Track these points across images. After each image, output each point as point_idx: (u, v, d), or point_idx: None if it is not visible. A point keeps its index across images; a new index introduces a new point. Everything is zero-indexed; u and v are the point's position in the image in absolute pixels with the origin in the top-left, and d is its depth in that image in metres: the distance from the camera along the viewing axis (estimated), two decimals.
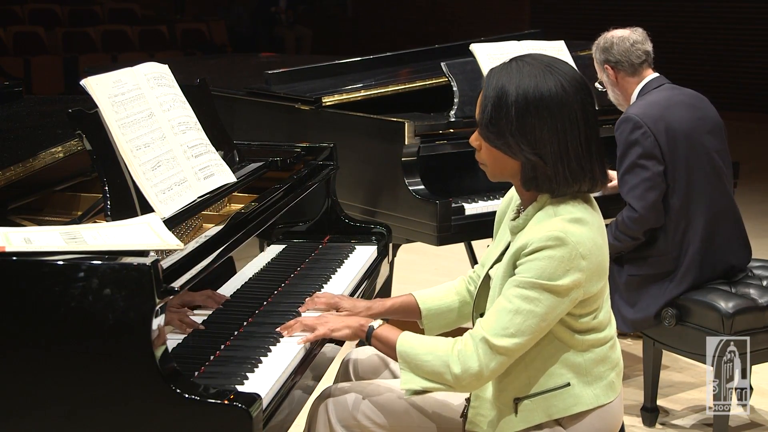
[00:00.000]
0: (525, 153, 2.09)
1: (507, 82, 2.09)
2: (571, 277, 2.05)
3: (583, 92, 2.12)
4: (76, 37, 11.53)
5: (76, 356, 1.86)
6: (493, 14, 13.79)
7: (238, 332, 2.32)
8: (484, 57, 3.95)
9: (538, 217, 2.14)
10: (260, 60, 6.81)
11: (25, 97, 3.36)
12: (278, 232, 2.97)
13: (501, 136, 2.10)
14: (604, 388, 2.19)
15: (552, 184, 2.11)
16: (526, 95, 2.07)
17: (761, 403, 3.78)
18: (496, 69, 2.15)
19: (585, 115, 2.11)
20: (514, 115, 2.07)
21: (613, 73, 3.51)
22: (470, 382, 2.10)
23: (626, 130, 3.34)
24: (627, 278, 3.45)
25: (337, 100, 4.01)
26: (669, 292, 3.37)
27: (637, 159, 3.32)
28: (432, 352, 2.12)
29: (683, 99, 3.45)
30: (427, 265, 5.57)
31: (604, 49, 3.51)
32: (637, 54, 3.48)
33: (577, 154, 2.10)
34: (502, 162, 2.16)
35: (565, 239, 2.05)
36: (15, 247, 1.92)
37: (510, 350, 2.07)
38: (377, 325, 2.24)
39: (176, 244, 2.04)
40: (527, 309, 2.06)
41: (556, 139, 2.08)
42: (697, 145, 3.37)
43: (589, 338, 2.16)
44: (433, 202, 3.60)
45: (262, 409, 1.89)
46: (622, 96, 3.56)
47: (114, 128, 2.28)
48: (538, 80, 2.08)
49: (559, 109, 2.07)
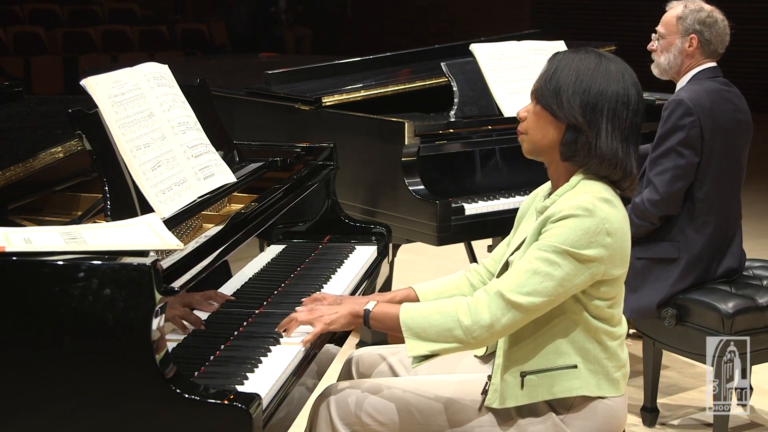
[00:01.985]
0: (575, 113, 2.14)
1: (569, 61, 2.19)
2: (594, 250, 2.09)
3: (638, 90, 2.20)
4: (76, 37, 11.52)
5: (75, 356, 1.86)
6: (493, 14, 13.79)
7: (238, 332, 2.31)
8: (484, 57, 3.95)
9: (569, 194, 2.18)
10: (260, 60, 6.81)
11: (25, 97, 3.36)
12: (278, 232, 2.97)
13: (556, 95, 2.17)
14: (608, 382, 2.21)
15: (591, 152, 2.15)
16: (589, 72, 2.16)
17: (761, 403, 3.78)
18: (561, 52, 2.27)
19: (636, 108, 2.18)
20: (573, 80, 2.16)
21: (694, 45, 3.43)
22: (480, 334, 2.11)
23: (677, 113, 3.31)
24: (633, 260, 3.43)
25: (337, 100, 4.01)
26: (672, 285, 3.36)
27: (677, 145, 3.30)
28: (438, 311, 2.15)
29: (731, 97, 3.44)
30: (427, 265, 5.57)
31: (704, 22, 3.43)
32: (723, 45, 3.47)
33: (622, 135, 2.16)
34: (545, 127, 2.20)
35: (594, 211, 2.10)
36: (15, 247, 1.92)
37: (523, 307, 2.09)
38: (372, 306, 2.25)
39: (176, 244, 2.04)
40: (546, 271, 2.09)
41: (606, 110, 2.14)
42: (732, 145, 3.38)
43: (601, 326, 2.19)
44: (433, 202, 3.60)
45: (262, 409, 1.89)
46: (677, 67, 3.49)
47: (114, 128, 2.28)
48: (601, 64, 2.18)
49: (615, 91, 2.16)
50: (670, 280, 3.38)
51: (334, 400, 2.32)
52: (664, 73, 3.53)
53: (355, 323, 2.29)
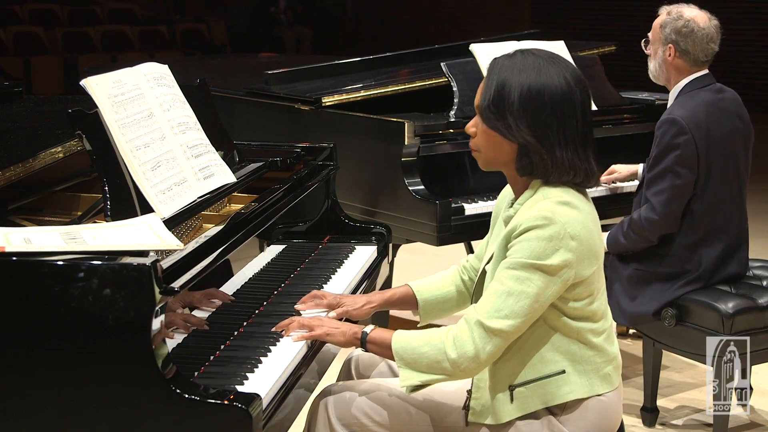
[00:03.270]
0: (524, 134, 2.12)
1: (510, 73, 2.14)
2: (560, 257, 2.08)
3: (583, 87, 2.17)
4: (76, 37, 11.52)
5: (76, 356, 1.86)
6: (493, 14, 13.79)
7: (238, 332, 2.32)
8: (484, 57, 3.95)
9: (528, 203, 2.17)
10: (260, 60, 6.81)
11: (25, 97, 3.36)
12: (278, 232, 2.97)
13: (501, 117, 2.13)
14: (599, 379, 2.20)
15: (547, 167, 2.14)
16: (530, 84, 2.11)
17: (761, 403, 3.78)
18: (499, 59, 2.19)
19: (584, 110, 2.16)
20: (516, 98, 2.11)
21: (673, 55, 3.39)
22: (468, 366, 2.11)
23: (670, 132, 3.27)
24: (632, 271, 3.43)
25: (337, 100, 4.01)
26: (671, 293, 3.36)
27: (674, 165, 3.26)
28: (427, 342, 2.14)
29: (727, 106, 3.38)
30: (427, 265, 5.56)
31: (680, 32, 3.36)
32: (707, 53, 3.39)
33: (575, 143, 2.14)
34: (497, 147, 2.18)
35: (552, 218, 2.08)
36: (15, 247, 1.92)
37: (504, 332, 2.09)
38: (370, 330, 2.25)
39: (176, 244, 2.04)
40: (519, 290, 2.08)
41: (555, 124, 2.12)
42: (730, 155, 3.35)
43: (583, 326, 2.17)
44: (432, 202, 3.60)
45: (261, 409, 1.89)
46: (664, 75, 3.46)
47: (114, 128, 2.28)
48: (542, 70, 2.13)
49: (561, 98, 2.12)
50: (671, 290, 3.37)
51: (333, 400, 2.32)
52: (656, 79, 3.53)
53: (352, 344, 2.29)
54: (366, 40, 14.52)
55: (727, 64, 11.48)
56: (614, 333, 2.28)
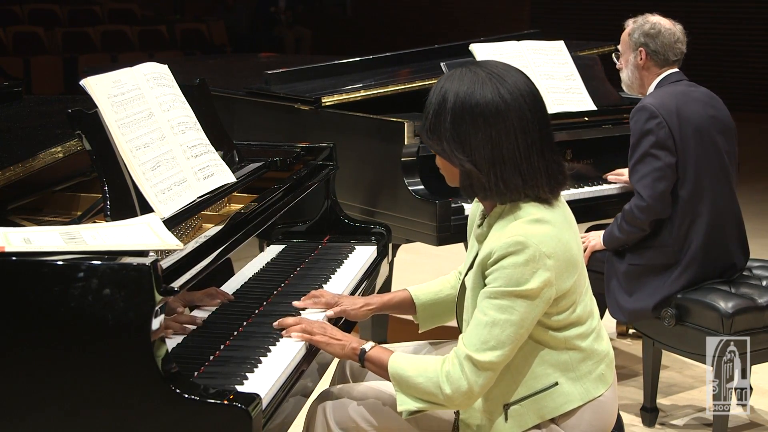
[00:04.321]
0: (460, 160, 2.10)
1: (449, 88, 2.12)
2: (539, 278, 2.05)
3: (525, 101, 2.10)
4: (76, 37, 11.52)
5: (75, 356, 1.86)
6: (493, 14, 13.79)
7: (237, 332, 2.31)
8: (484, 57, 3.94)
9: (498, 225, 2.14)
10: (260, 60, 6.81)
11: (24, 97, 3.36)
12: (278, 232, 2.97)
13: (439, 143, 2.13)
14: (594, 382, 2.19)
15: (486, 192, 2.12)
16: (463, 102, 2.09)
17: (761, 403, 3.78)
18: (445, 75, 2.18)
19: (524, 124, 2.09)
20: (449, 122, 2.10)
21: (644, 58, 3.51)
22: (463, 400, 2.10)
23: (641, 119, 3.36)
24: (627, 267, 3.45)
25: (337, 100, 4.01)
26: (668, 286, 3.37)
27: (650, 148, 3.33)
28: (422, 374, 2.12)
29: (699, 96, 3.46)
30: (426, 265, 5.57)
31: (648, 34, 3.50)
32: (675, 52, 3.52)
33: (514, 162, 2.08)
34: (448, 168, 2.18)
35: (525, 242, 2.04)
36: (15, 247, 1.92)
37: (495, 363, 2.07)
38: (369, 347, 2.24)
39: (176, 244, 2.04)
40: (503, 319, 2.05)
41: (489, 146, 2.08)
42: (708, 142, 3.39)
43: (569, 334, 2.16)
44: (432, 202, 3.60)
45: (261, 409, 1.89)
46: (638, 81, 3.57)
47: (113, 128, 2.28)
48: (476, 88, 2.09)
49: (494, 117, 2.07)
50: (667, 283, 3.38)
51: (331, 404, 2.32)
52: (630, 88, 3.64)
53: (350, 358, 2.28)
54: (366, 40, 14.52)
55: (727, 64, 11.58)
56: (603, 329, 2.27)
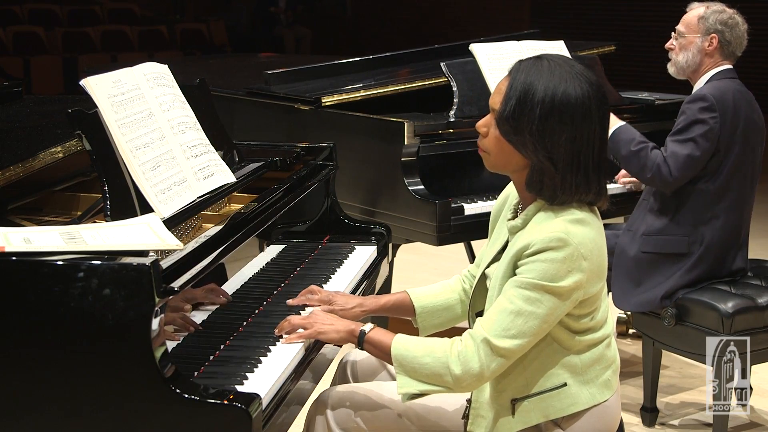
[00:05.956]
0: (539, 155, 2.07)
1: (536, 80, 2.06)
2: (573, 278, 2.04)
3: (605, 106, 2.10)
4: (76, 37, 11.52)
5: (75, 356, 1.86)
6: (493, 14, 13.79)
7: (237, 332, 2.31)
8: (484, 57, 3.94)
9: (538, 218, 2.12)
10: (260, 60, 6.81)
11: (24, 97, 3.36)
12: (278, 232, 2.97)
13: (519, 133, 2.07)
14: (600, 387, 2.18)
15: (556, 191, 2.09)
16: (554, 97, 2.04)
17: (761, 403, 3.78)
18: (526, 63, 2.11)
19: (602, 131, 2.09)
20: (537, 115, 2.04)
21: (715, 45, 3.48)
22: (471, 383, 2.09)
23: (699, 105, 3.36)
24: (638, 254, 3.45)
25: (337, 100, 4.01)
26: (677, 279, 3.37)
27: (697, 136, 3.34)
28: (430, 353, 2.10)
29: (749, 99, 3.48)
30: (426, 265, 5.57)
31: (726, 23, 3.49)
32: (741, 48, 3.54)
33: (588, 166, 2.08)
34: (509, 157, 2.12)
35: (567, 240, 2.04)
36: (15, 247, 1.92)
37: (511, 351, 2.07)
38: (369, 329, 2.21)
39: (176, 244, 2.03)
40: (529, 310, 2.05)
41: (572, 147, 2.06)
42: (749, 148, 3.42)
43: (586, 338, 2.16)
44: (432, 202, 3.60)
45: (261, 409, 1.89)
46: (695, 66, 3.52)
47: (113, 128, 2.28)
48: (568, 85, 2.05)
49: (582, 118, 2.05)
50: (678, 273, 3.38)
51: (331, 404, 2.31)
52: (681, 71, 3.57)
53: (348, 341, 2.25)
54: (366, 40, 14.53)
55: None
56: (614, 336, 2.28)
